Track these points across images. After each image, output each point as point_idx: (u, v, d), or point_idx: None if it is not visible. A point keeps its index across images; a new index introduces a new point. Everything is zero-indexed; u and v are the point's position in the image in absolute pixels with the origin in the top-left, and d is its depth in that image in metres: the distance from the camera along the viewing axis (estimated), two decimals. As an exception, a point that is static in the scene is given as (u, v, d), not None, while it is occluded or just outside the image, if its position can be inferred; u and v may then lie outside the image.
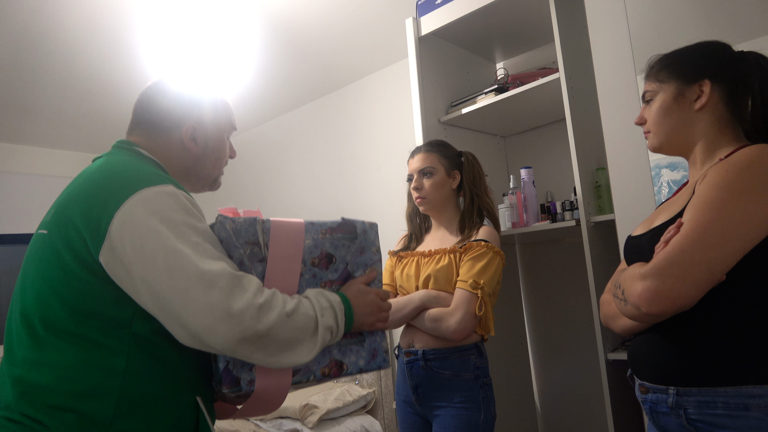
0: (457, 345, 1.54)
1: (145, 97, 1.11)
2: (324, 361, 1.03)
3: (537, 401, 2.43)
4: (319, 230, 1.06)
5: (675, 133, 1.10)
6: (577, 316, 2.29)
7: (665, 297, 0.91)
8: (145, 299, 0.87)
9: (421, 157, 1.70)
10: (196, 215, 0.94)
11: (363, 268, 1.12)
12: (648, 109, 1.14)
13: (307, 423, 2.45)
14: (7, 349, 0.94)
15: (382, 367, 1.12)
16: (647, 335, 1.05)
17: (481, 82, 2.38)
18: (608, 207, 1.74)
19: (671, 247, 0.93)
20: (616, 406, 1.61)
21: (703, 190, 0.96)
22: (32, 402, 0.86)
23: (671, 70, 1.10)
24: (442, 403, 1.54)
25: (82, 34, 2.54)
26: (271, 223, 1.01)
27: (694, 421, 0.95)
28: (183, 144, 1.09)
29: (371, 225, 1.15)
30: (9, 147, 3.90)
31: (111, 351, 0.87)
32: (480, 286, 1.49)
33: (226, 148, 1.17)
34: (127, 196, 0.89)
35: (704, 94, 1.06)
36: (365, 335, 1.10)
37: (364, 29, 2.72)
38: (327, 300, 1.00)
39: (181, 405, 0.94)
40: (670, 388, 0.98)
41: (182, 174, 1.10)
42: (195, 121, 1.09)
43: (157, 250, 0.86)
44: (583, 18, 1.70)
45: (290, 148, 3.75)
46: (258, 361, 0.90)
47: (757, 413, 0.89)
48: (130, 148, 1.06)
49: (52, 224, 0.94)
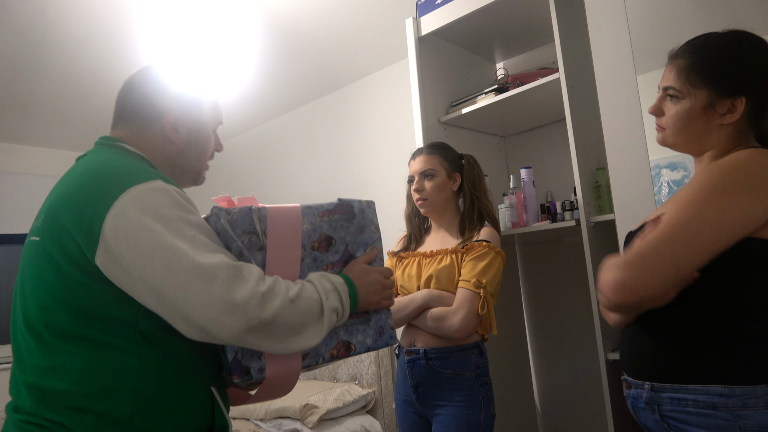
0: (459, 344, 1.55)
1: (126, 86, 1.08)
2: (331, 343, 1.03)
3: (537, 401, 2.43)
4: (316, 213, 1.05)
5: (693, 141, 1.07)
6: (577, 316, 2.29)
7: (627, 287, 0.93)
8: (146, 298, 0.86)
9: (422, 159, 1.70)
10: (189, 208, 0.92)
11: (363, 247, 1.11)
12: (668, 104, 1.08)
13: (307, 423, 2.45)
14: (16, 358, 0.94)
15: (390, 344, 1.12)
16: (631, 330, 1.06)
17: (481, 82, 2.38)
18: (608, 207, 1.74)
19: (643, 241, 0.95)
20: (616, 406, 1.60)
21: (687, 187, 0.97)
22: (51, 406, 0.86)
23: (706, 77, 1.03)
24: (442, 402, 1.54)
25: (82, 34, 2.54)
26: (267, 211, 1.00)
27: (667, 418, 0.96)
28: (165, 135, 1.06)
29: (368, 203, 1.13)
30: (9, 147, 3.89)
31: (121, 350, 0.87)
32: (483, 285, 1.49)
33: (210, 141, 1.14)
34: (117, 195, 0.87)
35: (737, 111, 1.01)
36: (371, 314, 1.10)
37: (364, 29, 2.72)
38: (330, 282, 1.00)
39: (196, 396, 0.94)
40: (646, 383, 1.00)
41: (166, 166, 1.07)
42: (178, 111, 1.06)
43: (154, 249, 0.85)
44: (583, 18, 1.70)
45: (290, 148, 3.75)
46: (267, 348, 0.90)
47: (724, 413, 0.89)
48: (114, 144, 1.04)
49: (44, 230, 0.92)
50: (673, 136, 1.09)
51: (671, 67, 1.08)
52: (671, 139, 1.09)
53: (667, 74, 1.09)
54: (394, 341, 1.13)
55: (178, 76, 1.10)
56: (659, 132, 1.12)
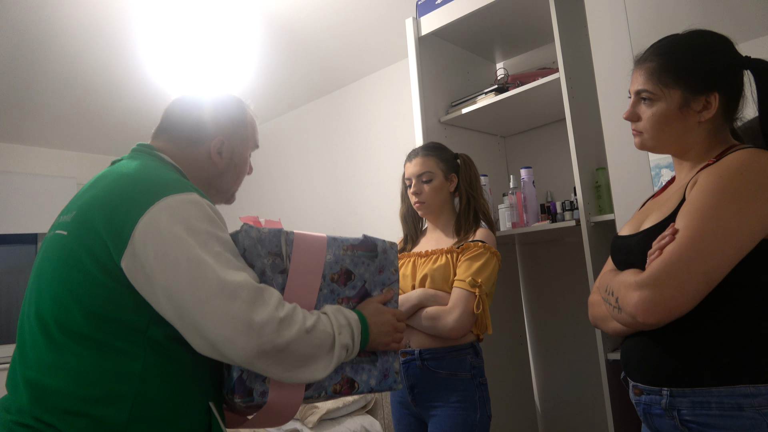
0: (453, 344, 1.54)
1: (178, 105, 1.12)
2: (336, 378, 1.03)
3: (537, 401, 2.43)
4: (341, 246, 1.07)
5: (672, 141, 1.08)
6: (577, 316, 2.28)
7: (663, 308, 0.91)
8: (164, 306, 0.86)
9: (419, 162, 1.69)
10: (219, 225, 0.94)
11: (380, 287, 1.12)
12: (643, 108, 1.09)
13: (307, 423, 2.45)
14: (20, 351, 0.94)
15: (393, 389, 1.12)
16: (639, 337, 1.04)
17: (481, 82, 2.38)
18: (608, 207, 1.74)
19: (667, 256, 0.92)
20: (616, 406, 1.61)
21: (696, 196, 0.96)
22: (46, 406, 0.85)
23: (678, 76, 1.04)
24: (438, 403, 1.54)
25: (82, 34, 2.54)
26: (294, 236, 1.01)
27: (688, 422, 0.95)
28: (209, 157, 1.10)
29: (391, 245, 1.16)
30: (9, 147, 3.89)
31: (127, 355, 0.87)
32: (478, 284, 1.49)
33: (247, 165, 1.19)
34: (152, 202, 0.88)
35: (712, 107, 1.02)
36: (378, 354, 1.10)
37: (364, 29, 2.72)
38: (345, 318, 1.00)
39: (194, 409, 0.93)
40: (664, 389, 0.98)
41: (202, 185, 1.10)
42: (225, 136, 1.11)
43: (180, 258, 0.85)
44: (583, 18, 1.70)
45: (290, 148, 3.75)
46: (274, 375, 0.90)
47: (751, 413, 0.89)
48: (152, 153, 1.06)
49: (73, 227, 0.93)
50: (652, 139, 1.09)
51: (640, 71, 1.09)
52: (650, 142, 1.10)
53: (637, 78, 1.10)
54: (398, 386, 1.12)
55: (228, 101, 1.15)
56: (637, 137, 1.12)
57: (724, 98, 1.02)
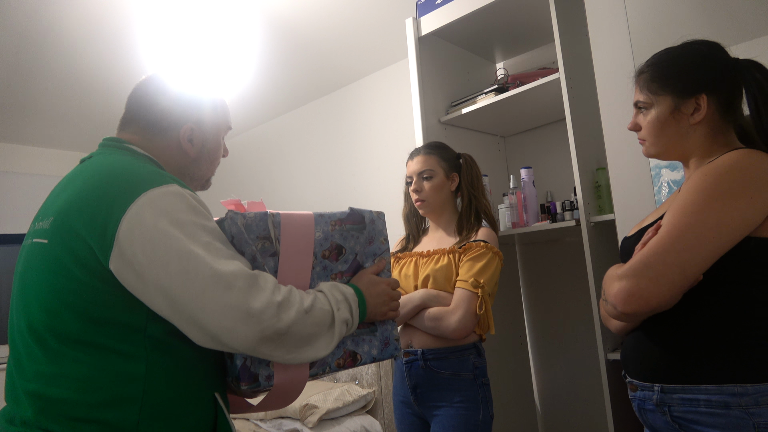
0: (456, 345, 1.54)
1: (142, 93, 1.07)
2: (338, 352, 1.04)
3: (537, 401, 2.43)
4: (329, 222, 1.06)
5: (672, 145, 1.11)
6: (577, 316, 2.29)
7: (638, 297, 0.95)
8: (159, 304, 0.84)
9: (420, 160, 1.70)
10: (204, 214, 0.92)
11: (372, 258, 1.13)
12: (641, 117, 1.14)
13: (307, 423, 2.45)
14: (15, 365, 0.91)
15: (395, 356, 1.14)
16: (635, 333, 1.08)
17: (481, 82, 2.38)
18: (608, 207, 1.74)
19: (647, 249, 0.97)
20: (616, 406, 1.61)
21: (683, 194, 0.99)
22: (52, 416, 0.84)
23: (664, 83, 1.09)
24: (441, 403, 1.54)
25: (82, 34, 2.54)
26: (281, 217, 1.00)
27: (678, 418, 0.97)
28: (180, 145, 1.05)
29: (378, 214, 1.15)
30: (9, 147, 3.89)
31: (129, 357, 0.85)
32: (480, 284, 1.49)
33: (221, 149, 1.15)
34: (133, 199, 0.85)
35: (702, 109, 1.05)
36: (377, 325, 1.11)
37: (364, 29, 2.72)
38: (341, 293, 1.00)
39: (201, 402, 0.93)
40: (656, 385, 1.00)
41: (177, 174, 1.06)
42: (194, 122, 1.06)
43: (170, 254, 0.83)
44: (583, 18, 1.70)
45: (290, 148, 3.75)
46: (278, 358, 0.89)
47: (738, 412, 0.90)
48: (123, 146, 1.02)
49: (53, 233, 0.90)
50: (653, 146, 1.13)
51: (637, 83, 1.15)
52: (653, 148, 1.13)
53: (636, 91, 1.15)
54: (399, 353, 1.15)
55: (193, 85, 1.09)
56: (642, 145, 1.16)
57: (714, 99, 1.05)
